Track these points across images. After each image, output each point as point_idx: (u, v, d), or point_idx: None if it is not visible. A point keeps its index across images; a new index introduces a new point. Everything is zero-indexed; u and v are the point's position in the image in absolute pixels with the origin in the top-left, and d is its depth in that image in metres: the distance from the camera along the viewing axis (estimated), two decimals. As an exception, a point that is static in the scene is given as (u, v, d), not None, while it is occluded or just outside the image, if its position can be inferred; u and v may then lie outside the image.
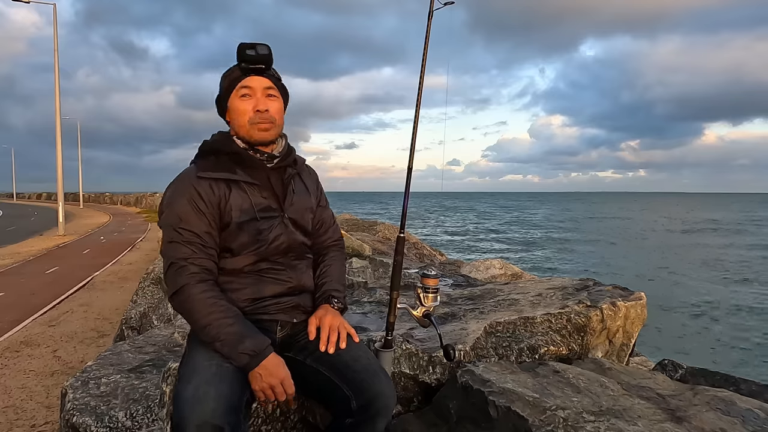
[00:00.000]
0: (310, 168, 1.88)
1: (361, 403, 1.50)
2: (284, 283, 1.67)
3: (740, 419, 1.73)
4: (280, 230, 1.66)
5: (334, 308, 1.71)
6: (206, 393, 1.36)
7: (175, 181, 1.62)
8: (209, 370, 1.43)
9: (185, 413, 1.34)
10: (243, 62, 1.62)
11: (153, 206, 47.01)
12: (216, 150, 1.66)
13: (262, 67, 1.64)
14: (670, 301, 17.09)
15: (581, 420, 1.66)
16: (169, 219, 1.57)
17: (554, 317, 2.36)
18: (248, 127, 1.63)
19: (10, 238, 23.51)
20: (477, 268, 5.60)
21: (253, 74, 1.63)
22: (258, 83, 1.64)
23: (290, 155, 1.75)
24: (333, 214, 1.95)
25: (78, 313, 8.70)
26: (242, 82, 1.63)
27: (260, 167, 1.67)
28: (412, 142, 1.86)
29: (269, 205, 1.65)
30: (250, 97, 1.63)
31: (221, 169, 1.62)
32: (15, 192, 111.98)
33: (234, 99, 1.65)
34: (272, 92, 1.66)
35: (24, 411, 4.66)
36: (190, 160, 1.71)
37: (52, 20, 24.33)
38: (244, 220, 1.60)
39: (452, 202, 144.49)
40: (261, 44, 1.62)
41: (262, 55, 1.62)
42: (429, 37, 1.81)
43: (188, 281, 1.51)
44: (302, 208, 1.74)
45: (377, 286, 3.37)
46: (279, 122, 1.69)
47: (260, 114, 1.62)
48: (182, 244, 1.54)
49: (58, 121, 25.24)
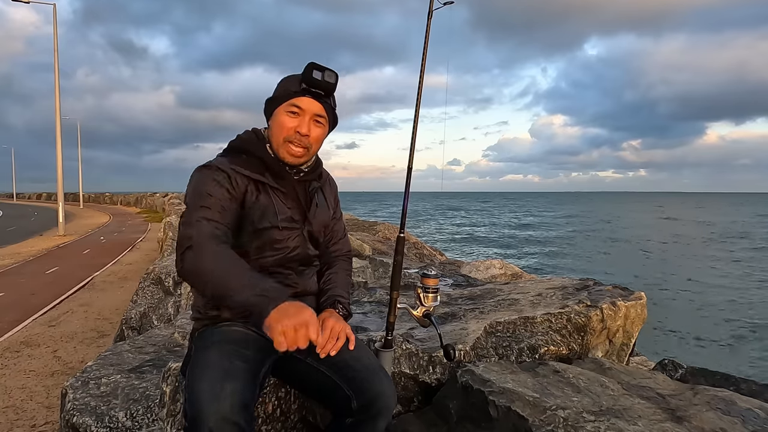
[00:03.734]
0: (332, 180, 1.87)
1: (361, 403, 1.50)
2: (290, 287, 1.66)
3: (740, 419, 1.73)
4: (298, 242, 1.66)
5: (339, 314, 1.70)
6: (223, 389, 1.33)
7: (204, 165, 1.59)
8: (222, 366, 1.41)
9: (203, 409, 1.30)
10: (305, 83, 1.57)
11: (153, 206, 47.01)
12: (246, 150, 1.64)
13: (321, 93, 1.60)
14: (670, 301, 17.09)
15: (581, 420, 1.66)
16: (195, 192, 1.52)
17: (554, 317, 2.36)
18: (282, 143, 1.61)
19: (10, 238, 23.50)
20: (477, 268, 5.60)
21: (309, 96, 1.59)
22: (310, 106, 1.60)
23: (317, 169, 1.74)
24: (345, 226, 1.95)
25: (78, 313, 8.70)
26: (295, 100, 1.59)
27: (287, 177, 1.66)
28: (412, 142, 1.86)
29: (292, 216, 1.64)
30: (297, 116, 1.60)
31: (252, 169, 1.60)
32: (15, 192, 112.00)
33: (281, 111, 1.61)
34: (320, 119, 1.63)
35: (24, 411, 4.66)
36: (218, 153, 1.67)
37: (51, 19, 24.35)
38: (264, 226, 1.59)
39: (452, 202, 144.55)
40: (330, 71, 1.58)
41: (327, 83, 1.58)
42: (429, 36, 1.81)
43: (205, 237, 1.44)
44: (321, 223, 1.75)
45: (377, 286, 3.37)
46: (314, 149, 1.66)
47: (299, 136, 1.60)
48: (205, 207, 1.49)
49: (58, 121, 25.23)
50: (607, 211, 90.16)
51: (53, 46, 24.71)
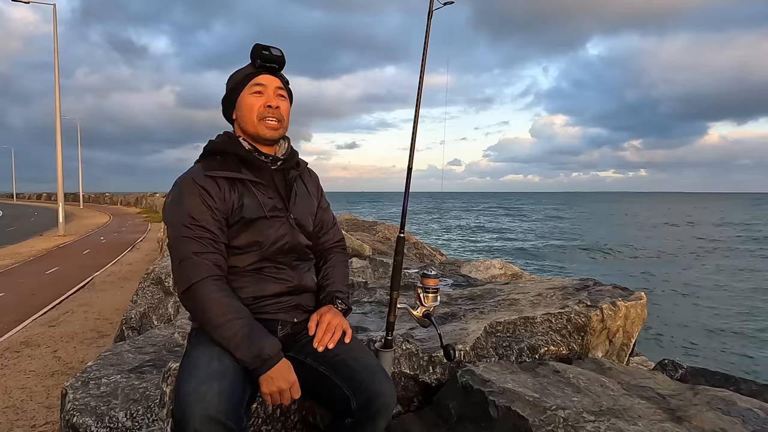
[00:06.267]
0: (311, 170, 1.90)
1: (361, 403, 1.50)
2: (285, 282, 1.67)
3: (740, 419, 1.73)
4: (285, 230, 1.67)
5: (338, 309, 1.72)
6: (209, 389, 1.34)
7: (181, 179, 1.62)
8: (211, 367, 1.42)
9: (189, 409, 1.31)
10: (258, 60, 1.66)
11: (153, 206, 47.00)
12: (221, 151, 1.67)
13: (276, 66, 1.69)
14: (670, 301, 17.09)
15: (581, 420, 1.66)
16: (178, 215, 1.55)
17: (554, 317, 2.36)
18: (257, 123, 1.66)
19: (10, 238, 23.52)
20: (477, 268, 5.59)
21: (266, 73, 1.68)
22: (270, 81, 1.68)
23: (293, 157, 1.77)
24: (334, 216, 1.96)
25: (78, 313, 8.70)
26: (255, 79, 1.67)
27: (265, 168, 1.69)
28: (411, 142, 1.86)
29: (275, 205, 1.67)
30: (262, 95, 1.67)
31: (227, 168, 1.63)
32: (15, 192, 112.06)
33: (245, 95, 1.67)
34: (282, 92, 1.71)
35: (24, 411, 4.66)
36: (194, 161, 1.71)
37: (50, 18, 24.35)
38: (252, 218, 1.61)
39: (452, 202, 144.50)
40: (275, 47, 1.68)
41: (277, 56, 1.67)
42: (429, 36, 1.82)
43: (201, 277, 1.50)
44: (305, 210, 1.76)
45: (377, 286, 3.37)
46: (286, 122, 1.72)
47: (270, 110, 1.66)
48: (193, 239, 1.53)
49: (58, 121, 25.23)
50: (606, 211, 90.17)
51: (53, 46, 24.72)
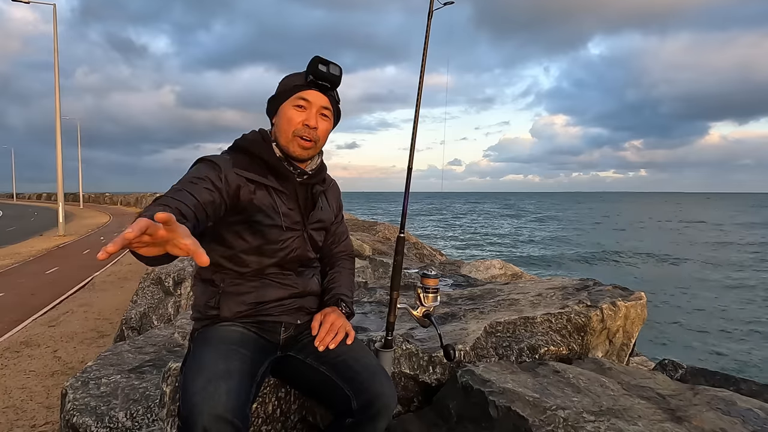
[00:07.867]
0: (335, 184, 1.87)
1: (361, 403, 1.50)
2: (289, 288, 1.67)
3: (740, 419, 1.73)
4: (299, 244, 1.66)
5: (342, 311, 1.72)
6: (217, 388, 1.33)
7: (206, 156, 1.56)
8: (218, 366, 1.41)
9: (197, 408, 1.29)
10: (311, 75, 1.59)
11: (153, 206, 46.82)
12: (252, 152, 1.62)
13: (327, 85, 1.62)
14: (670, 301, 17.09)
15: (581, 420, 1.66)
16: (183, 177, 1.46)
17: (554, 317, 2.36)
18: (290, 137, 1.61)
19: (10, 238, 23.50)
20: (477, 268, 5.59)
21: (315, 89, 1.61)
22: (317, 99, 1.61)
23: (321, 173, 1.74)
24: (347, 228, 1.96)
25: (78, 313, 8.70)
26: (301, 93, 1.61)
27: (291, 179, 1.65)
28: (411, 142, 1.86)
29: (293, 218, 1.64)
30: (304, 110, 1.61)
31: (254, 171, 1.58)
32: (15, 192, 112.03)
33: (287, 106, 1.62)
34: (326, 112, 1.65)
35: (24, 411, 4.66)
36: (222, 150, 1.65)
37: (50, 18, 24.33)
38: (267, 224, 1.58)
39: (452, 203, 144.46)
40: (335, 64, 1.61)
41: (333, 75, 1.60)
42: (429, 36, 1.81)
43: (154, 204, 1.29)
44: (321, 226, 1.75)
45: (377, 286, 3.37)
46: (321, 143, 1.67)
47: (308, 129, 1.60)
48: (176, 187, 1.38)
49: (58, 121, 25.21)
50: (606, 210, 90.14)
51: (53, 45, 24.69)
